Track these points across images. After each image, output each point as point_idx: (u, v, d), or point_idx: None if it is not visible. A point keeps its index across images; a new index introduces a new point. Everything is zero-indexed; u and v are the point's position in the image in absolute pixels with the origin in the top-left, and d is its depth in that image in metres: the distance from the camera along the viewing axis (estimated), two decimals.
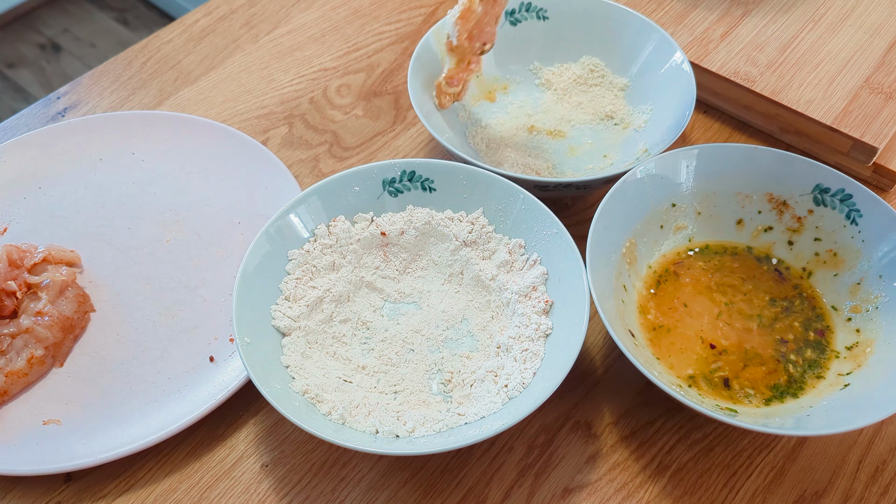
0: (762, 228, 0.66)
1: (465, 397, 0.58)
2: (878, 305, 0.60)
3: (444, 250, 0.66)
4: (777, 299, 0.64)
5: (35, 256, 0.66)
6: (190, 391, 0.61)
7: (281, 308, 0.60)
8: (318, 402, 0.56)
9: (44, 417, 0.60)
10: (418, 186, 0.66)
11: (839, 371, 0.59)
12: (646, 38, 0.77)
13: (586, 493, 0.57)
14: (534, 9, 0.80)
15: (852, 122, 0.73)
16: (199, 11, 0.95)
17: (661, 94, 0.74)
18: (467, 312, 0.64)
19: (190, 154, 0.77)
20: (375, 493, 0.57)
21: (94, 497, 0.58)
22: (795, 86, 0.76)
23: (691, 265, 0.66)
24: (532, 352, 0.58)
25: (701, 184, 0.66)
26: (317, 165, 0.78)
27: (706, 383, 0.59)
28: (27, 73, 2.15)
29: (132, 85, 0.87)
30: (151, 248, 0.71)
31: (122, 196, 0.74)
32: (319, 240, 0.64)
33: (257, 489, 0.58)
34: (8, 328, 0.63)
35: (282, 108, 0.84)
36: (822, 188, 0.64)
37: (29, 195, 0.74)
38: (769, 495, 0.57)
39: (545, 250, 0.62)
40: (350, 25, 0.92)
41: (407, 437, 0.55)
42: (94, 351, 0.64)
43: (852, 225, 0.63)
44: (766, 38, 0.81)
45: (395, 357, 0.61)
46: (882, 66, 0.78)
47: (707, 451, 0.59)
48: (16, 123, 0.83)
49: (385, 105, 0.84)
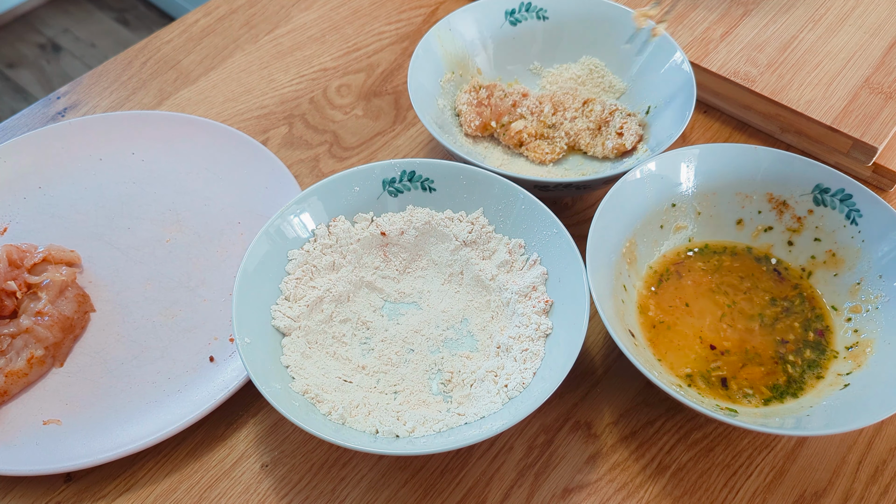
0: (762, 228, 0.66)
1: (464, 397, 0.58)
2: (878, 305, 0.60)
3: (444, 250, 0.66)
4: (777, 299, 0.64)
5: (35, 256, 0.66)
6: (190, 391, 0.61)
7: (281, 308, 0.60)
8: (318, 402, 0.56)
9: (44, 417, 0.60)
10: (418, 186, 0.66)
11: (839, 371, 0.59)
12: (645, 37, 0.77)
13: (586, 493, 0.57)
14: (534, 9, 0.80)
15: (852, 122, 0.73)
16: (199, 11, 0.95)
17: (661, 94, 0.74)
18: (467, 312, 0.64)
19: (190, 154, 0.77)
20: (375, 493, 0.57)
21: (94, 497, 0.58)
22: (795, 86, 0.76)
23: (691, 265, 0.66)
24: (532, 352, 0.58)
25: (701, 184, 0.66)
26: (317, 165, 0.78)
27: (704, 382, 0.59)
28: (27, 73, 2.15)
29: (132, 85, 0.87)
30: (151, 248, 0.71)
31: (122, 196, 0.74)
32: (319, 240, 0.64)
33: (257, 489, 0.58)
34: (8, 328, 0.63)
35: (282, 108, 0.84)
36: (822, 188, 0.64)
37: (29, 195, 0.74)
38: (769, 495, 0.57)
39: (545, 250, 0.62)
40: (350, 25, 0.92)
41: (407, 437, 0.55)
42: (94, 351, 0.64)
43: (852, 225, 0.63)
44: (766, 38, 0.81)
45: (395, 357, 0.61)
46: (882, 66, 0.78)
47: (707, 451, 0.59)
48: (16, 123, 0.83)
49: (385, 105, 0.84)
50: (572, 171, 0.74)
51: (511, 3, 0.80)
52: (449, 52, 0.77)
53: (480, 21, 0.79)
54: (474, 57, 0.79)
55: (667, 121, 0.72)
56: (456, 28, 0.77)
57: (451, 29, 0.77)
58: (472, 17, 0.78)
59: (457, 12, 0.78)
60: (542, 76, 0.81)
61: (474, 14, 0.79)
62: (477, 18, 0.79)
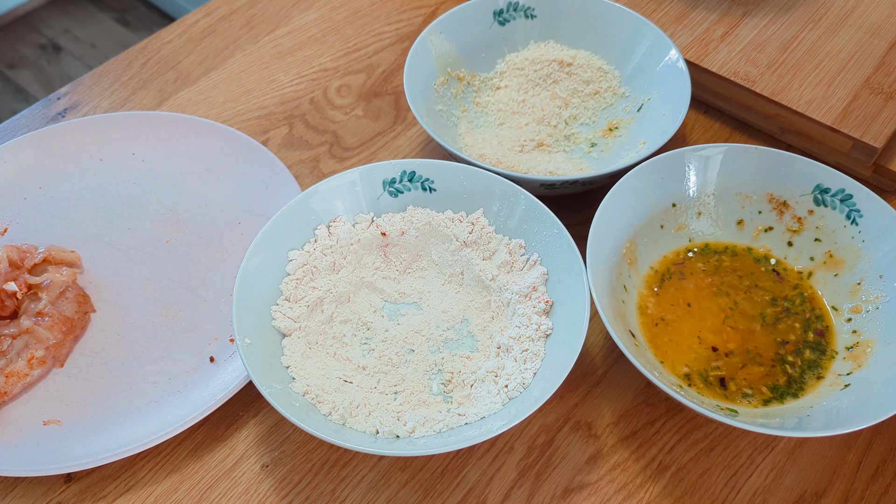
0: (762, 228, 0.66)
1: (465, 398, 0.58)
2: (878, 306, 0.60)
3: (445, 251, 0.66)
4: (777, 299, 0.64)
5: (35, 257, 0.66)
6: (190, 392, 0.61)
7: (281, 308, 0.60)
8: (319, 402, 0.56)
9: (44, 418, 0.60)
10: (418, 187, 0.66)
11: (839, 371, 0.59)
12: (641, 35, 0.77)
13: (587, 494, 0.57)
14: (521, 8, 0.80)
15: (852, 122, 0.73)
16: (200, 12, 0.95)
17: (656, 91, 0.74)
18: (467, 313, 0.64)
19: (190, 154, 0.77)
20: (376, 493, 0.57)
21: (95, 497, 0.58)
22: (795, 86, 0.76)
23: (692, 265, 0.66)
24: (532, 352, 0.58)
25: (701, 184, 0.66)
26: (317, 166, 0.78)
27: (702, 381, 0.59)
28: (27, 74, 2.16)
29: (132, 85, 0.87)
30: (152, 249, 0.71)
31: (122, 196, 0.74)
32: (320, 240, 0.64)
33: (258, 489, 0.58)
34: (8, 329, 0.63)
35: (282, 109, 0.84)
36: (822, 188, 0.64)
37: (29, 195, 0.74)
38: (769, 495, 0.57)
39: (545, 250, 0.62)
40: (350, 26, 0.92)
41: (407, 437, 0.55)
42: (94, 351, 0.64)
43: (852, 225, 0.63)
44: (766, 38, 0.81)
45: (396, 357, 0.61)
46: (882, 66, 0.78)
47: (707, 452, 0.59)
48: (16, 124, 0.83)
49: (385, 105, 0.84)
50: (577, 159, 0.74)
51: (499, 3, 0.80)
52: (441, 56, 0.77)
53: (469, 23, 0.79)
54: (467, 58, 0.79)
55: (662, 118, 0.72)
56: (446, 31, 0.78)
57: (442, 32, 0.77)
58: (460, 20, 0.79)
59: (445, 15, 0.78)
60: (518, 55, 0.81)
61: (463, 16, 0.79)
62: (466, 20, 0.79)
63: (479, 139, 0.76)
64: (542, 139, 0.76)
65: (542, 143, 0.76)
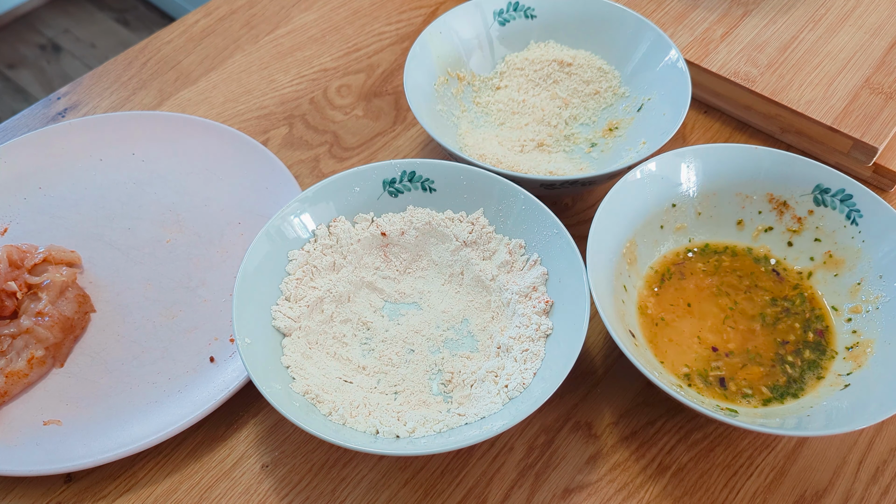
0: (762, 229, 0.66)
1: (465, 398, 0.58)
2: (878, 306, 0.60)
3: (445, 251, 0.66)
4: (777, 300, 0.64)
5: (35, 257, 0.66)
6: (190, 391, 0.61)
7: (281, 308, 0.60)
8: (319, 402, 0.56)
9: (44, 418, 0.60)
10: (418, 187, 0.66)
11: (839, 371, 0.59)
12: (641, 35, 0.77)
13: (587, 494, 0.57)
14: (521, 8, 0.80)
15: (852, 122, 0.73)
16: (200, 12, 0.95)
17: (656, 91, 0.74)
18: (467, 313, 0.64)
19: (190, 154, 0.77)
20: (376, 493, 0.57)
21: (95, 497, 0.58)
22: (795, 86, 0.76)
23: (691, 266, 0.66)
24: (532, 352, 0.58)
25: (701, 184, 0.66)
26: (317, 166, 0.78)
27: (702, 381, 0.59)
28: (27, 74, 2.16)
29: (132, 85, 0.87)
30: (152, 249, 0.71)
31: (122, 196, 0.74)
32: (320, 240, 0.64)
33: (258, 489, 0.58)
34: (8, 329, 0.63)
35: (282, 109, 0.84)
36: (822, 188, 0.64)
37: (29, 195, 0.74)
38: (769, 496, 0.57)
39: (545, 250, 0.62)
40: (350, 26, 0.92)
41: (407, 437, 0.55)
42: (94, 351, 0.64)
43: (852, 225, 0.63)
44: (766, 38, 0.81)
45: (396, 357, 0.61)
46: (882, 66, 0.78)
47: (707, 452, 0.59)
48: (16, 124, 0.83)
49: (385, 105, 0.84)
50: (577, 159, 0.74)
51: (498, 2, 0.80)
52: (441, 56, 0.77)
53: (470, 23, 0.79)
54: (467, 58, 0.79)
55: (662, 118, 0.72)
56: (446, 31, 0.78)
57: (442, 32, 0.77)
58: (461, 20, 0.79)
59: (445, 15, 0.78)
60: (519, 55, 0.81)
61: (463, 16, 0.79)
62: (466, 20, 0.79)
63: (479, 139, 0.76)
64: (542, 139, 0.76)
65: (542, 143, 0.76)
